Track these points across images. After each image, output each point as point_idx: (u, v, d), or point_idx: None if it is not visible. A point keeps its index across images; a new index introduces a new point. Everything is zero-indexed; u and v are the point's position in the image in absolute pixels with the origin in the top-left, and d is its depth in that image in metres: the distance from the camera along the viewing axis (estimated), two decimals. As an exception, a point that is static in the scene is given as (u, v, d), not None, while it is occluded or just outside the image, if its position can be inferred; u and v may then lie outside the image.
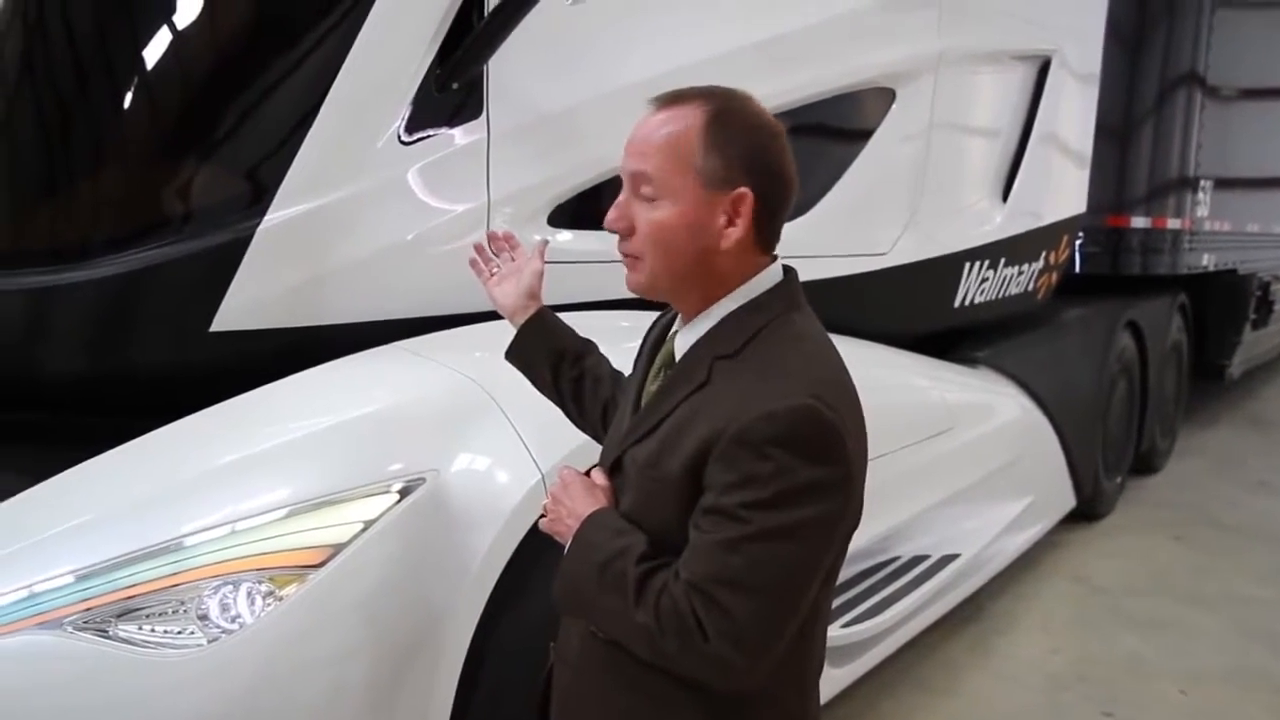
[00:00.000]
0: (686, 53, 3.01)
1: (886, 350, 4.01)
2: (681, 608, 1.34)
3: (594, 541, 1.46)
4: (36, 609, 1.95)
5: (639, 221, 1.45)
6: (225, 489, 2.16)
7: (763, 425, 1.33)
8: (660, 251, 1.45)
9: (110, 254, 2.50)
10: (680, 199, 1.43)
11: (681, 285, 1.48)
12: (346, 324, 2.56)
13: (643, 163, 1.44)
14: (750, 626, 1.33)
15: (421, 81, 2.60)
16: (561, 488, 1.57)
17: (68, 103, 2.76)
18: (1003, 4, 4.39)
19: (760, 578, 1.33)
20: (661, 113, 1.47)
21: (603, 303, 2.81)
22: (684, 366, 1.49)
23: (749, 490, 1.33)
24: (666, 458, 1.43)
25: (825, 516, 1.37)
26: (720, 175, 1.42)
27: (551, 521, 1.57)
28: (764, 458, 1.33)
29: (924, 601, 3.83)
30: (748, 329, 1.45)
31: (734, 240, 1.44)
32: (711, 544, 1.34)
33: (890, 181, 3.89)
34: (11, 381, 2.63)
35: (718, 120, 1.44)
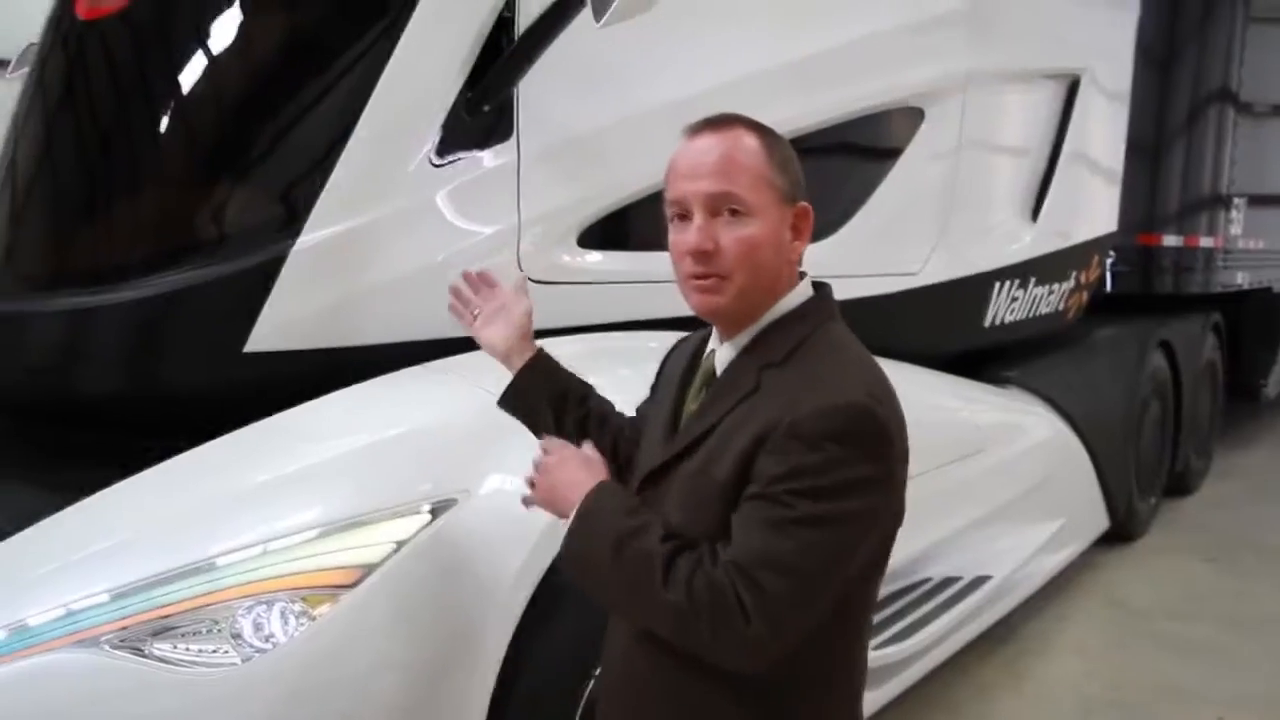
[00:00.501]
0: (715, 74, 3.03)
1: (916, 370, 3.99)
2: (722, 588, 1.37)
3: (605, 518, 1.48)
4: (74, 627, 1.97)
5: (724, 240, 1.48)
6: (257, 509, 2.18)
7: (817, 420, 1.38)
8: (751, 267, 1.49)
9: (146, 276, 2.54)
10: (766, 215, 1.49)
11: (757, 299, 1.52)
12: (378, 344, 2.58)
13: (727, 183, 1.48)
14: (787, 609, 1.37)
15: (453, 104, 2.63)
16: (556, 461, 1.58)
17: (104, 127, 2.81)
18: (1031, 24, 4.38)
19: (802, 562, 1.37)
20: (710, 136, 1.51)
21: (632, 323, 2.82)
22: (729, 378, 1.54)
23: (798, 479, 1.37)
24: (716, 461, 1.47)
25: (868, 510, 1.41)
26: (789, 191, 1.51)
27: (544, 495, 1.59)
28: (816, 450, 1.37)
29: (956, 623, 3.80)
30: (792, 338, 1.50)
31: (799, 253, 1.54)
32: (757, 525, 1.38)
33: (919, 201, 3.89)
34: (50, 401, 2.67)
35: (771, 141, 1.52)
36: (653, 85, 2.92)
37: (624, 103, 2.87)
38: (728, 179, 1.48)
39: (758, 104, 3.05)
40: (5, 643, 1.97)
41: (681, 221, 1.52)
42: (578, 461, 1.57)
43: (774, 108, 3.15)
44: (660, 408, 1.68)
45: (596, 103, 2.85)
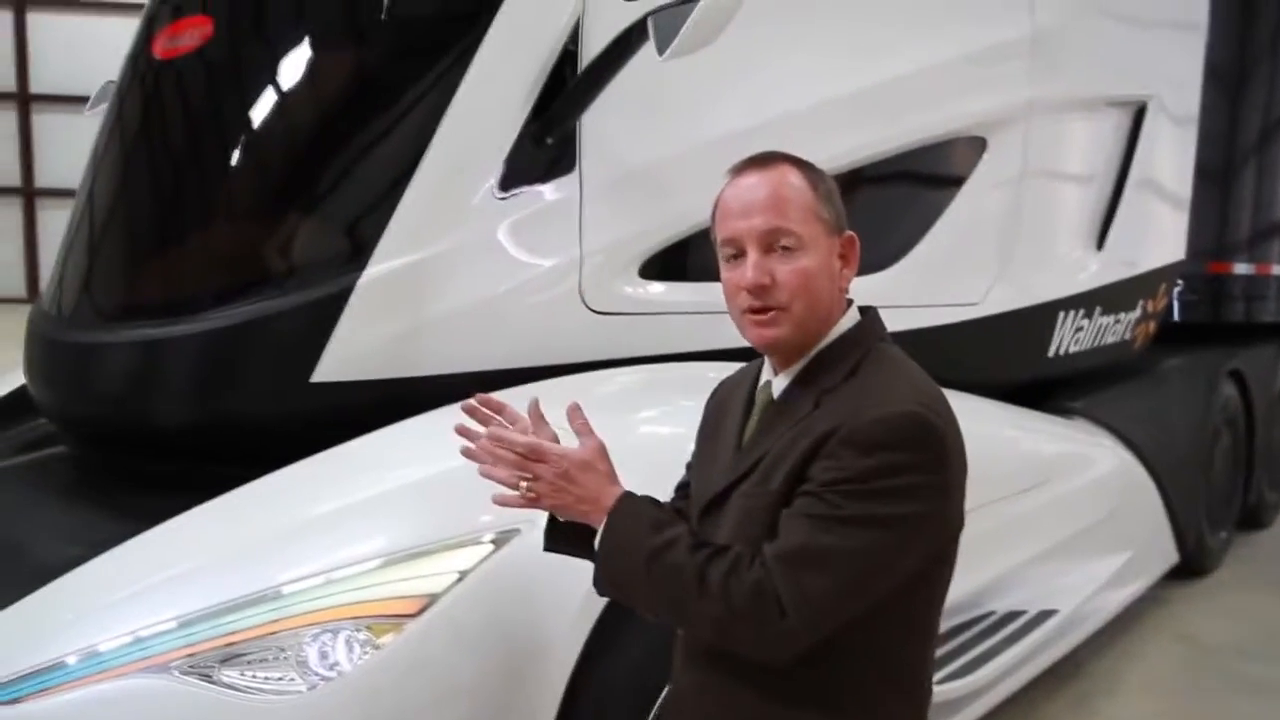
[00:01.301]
0: (776, 106, 3.05)
1: (979, 400, 3.95)
2: (759, 586, 1.40)
3: (632, 532, 1.51)
4: (142, 654, 2.01)
5: (780, 274, 1.52)
6: (322, 538, 2.21)
7: (871, 428, 1.42)
8: (808, 297, 1.53)
9: (217, 307, 2.60)
10: (816, 246, 1.54)
11: (813, 328, 1.56)
12: (442, 375, 2.61)
13: (779, 218, 1.52)
14: (823, 604, 1.40)
15: (517, 138, 2.68)
16: (581, 469, 1.58)
17: (178, 163, 2.90)
18: (1096, 51, 4.34)
19: (841, 559, 1.40)
20: (755, 174, 1.56)
21: (692, 354, 2.83)
22: (785, 404, 1.57)
23: (847, 482, 1.41)
24: (770, 476, 1.50)
25: (920, 516, 1.43)
26: (835, 222, 1.56)
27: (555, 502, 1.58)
28: (868, 455, 1.41)
29: (1021, 658, 3.73)
30: (847, 361, 1.54)
31: (848, 279, 1.58)
32: (801, 520, 1.42)
33: (982, 230, 3.86)
34: (123, 430, 2.73)
35: (813, 174, 1.57)
36: (714, 117, 2.93)
37: (685, 135, 2.90)
38: (779, 214, 1.52)
39: (819, 135, 3.09)
40: (76, 668, 2.01)
41: (735, 260, 1.56)
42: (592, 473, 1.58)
43: (835, 139, 3.20)
44: (716, 444, 1.70)
45: (658, 135, 2.87)
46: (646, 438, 2.65)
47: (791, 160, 1.58)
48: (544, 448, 1.58)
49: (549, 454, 1.58)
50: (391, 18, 2.79)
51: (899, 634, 1.52)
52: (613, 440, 2.36)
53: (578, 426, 1.65)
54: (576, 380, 2.71)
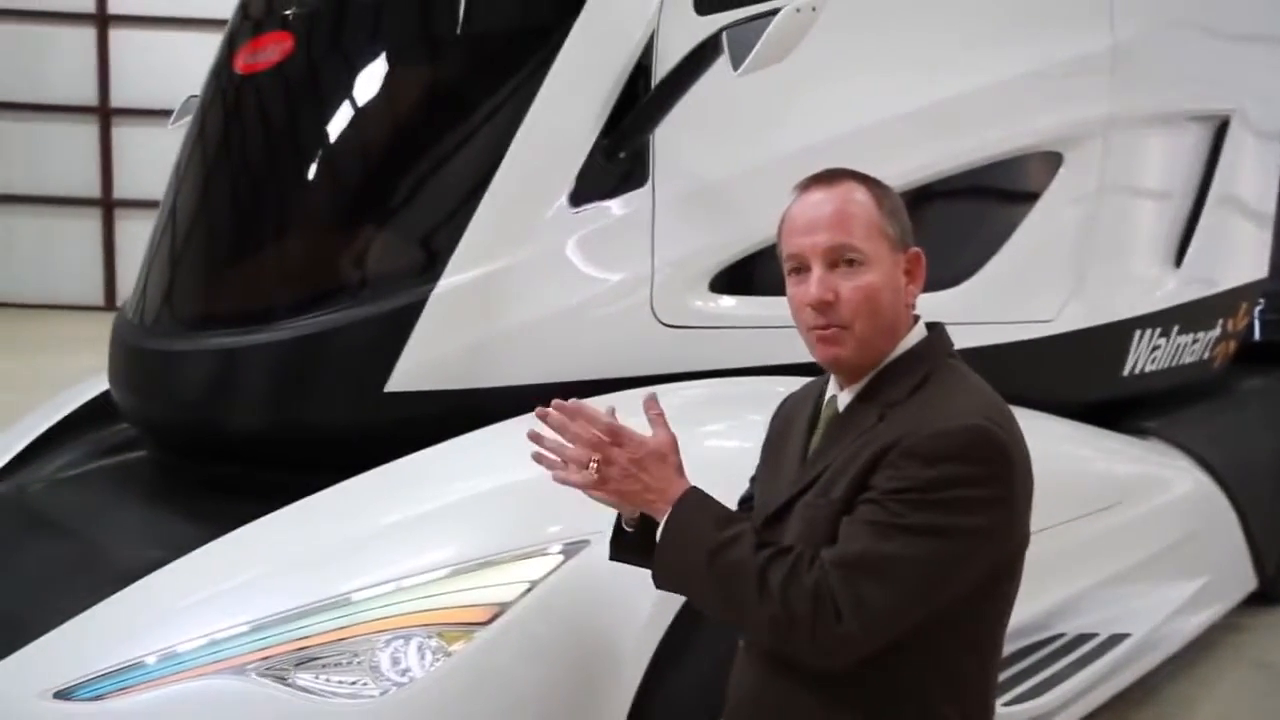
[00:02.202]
0: (849, 121, 3.03)
1: (1051, 420, 3.89)
2: (817, 590, 1.40)
3: (697, 527, 1.51)
4: (217, 656, 2.06)
5: (844, 291, 1.53)
6: (392, 547, 2.25)
7: (935, 440, 1.42)
8: (871, 313, 1.54)
9: (295, 317, 2.65)
10: (880, 262, 1.54)
11: (878, 344, 1.57)
12: (514, 386, 2.64)
13: (843, 234, 1.54)
14: (880, 612, 1.40)
15: (590, 152, 2.70)
16: (655, 459, 1.56)
17: (257, 176, 2.96)
18: (1178, 65, 4.26)
19: (900, 567, 1.40)
20: (821, 191, 1.57)
21: (762, 368, 2.82)
22: (849, 417, 1.58)
23: (911, 493, 1.41)
24: (834, 486, 1.50)
25: (979, 529, 1.43)
26: (900, 238, 1.57)
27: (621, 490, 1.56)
28: (931, 467, 1.41)
29: (1091, 682, 3.66)
30: (914, 376, 1.55)
31: (913, 295, 1.58)
32: (862, 527, 1.42)
33: (1056, 247, 3.80)
34: (201, 436, 2.79)
35: (878, 190, 1.58)
36: (786, 133, 2.93)
37: (757, 150, 2.90)
38: (843, 230, 1.53)
39: (892, 150, 3.08)
40: (155, 668, 2.07)
41: (799, 275, 1.57)
42: (664, 463, 1.58)
43: (909, 153, 3.18)
44: (781, 457, 1.70)
45: (730, 150, 2.88)
46: (713, 451, 2.64)
47: (857, 176, 1.59)
48: (623, 430, 1.58)
49: (627, 438, 1.58)
50: (467, 33, 2.83)
51: (960, 648, 1.52)
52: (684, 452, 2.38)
53: (653, 416, 1.63)
54: (643, 394, 2.71)
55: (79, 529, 2.71)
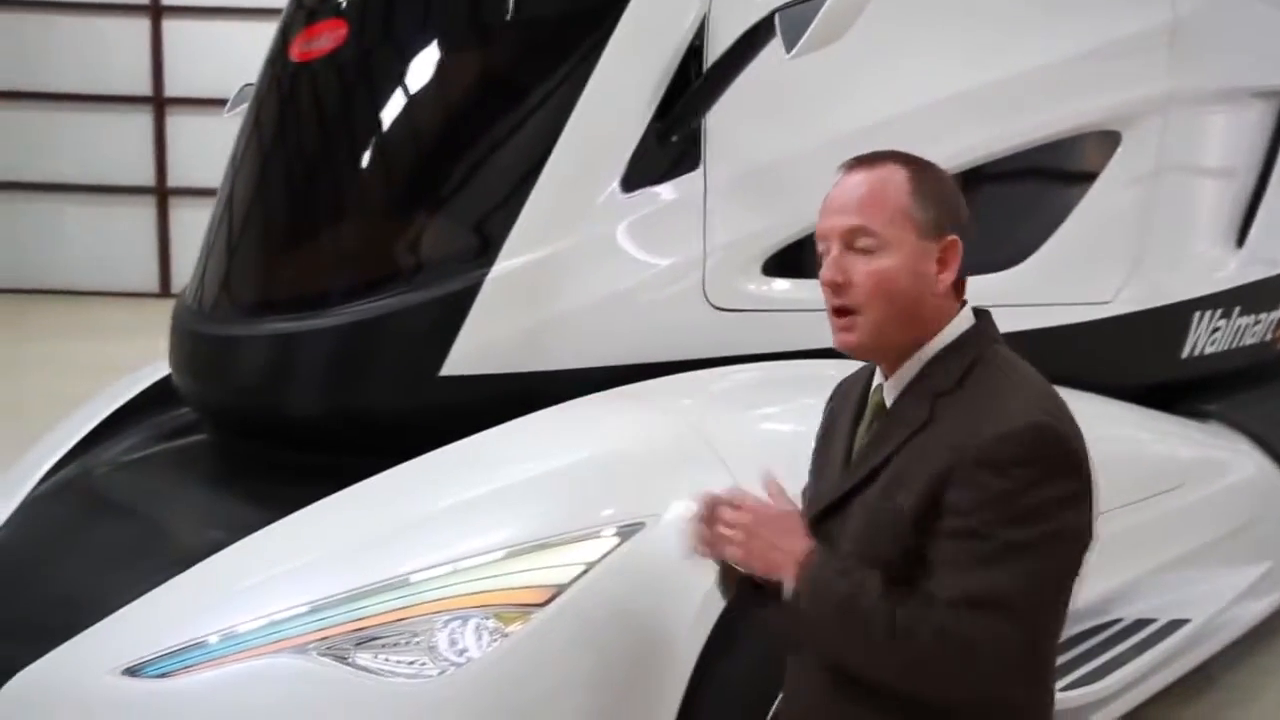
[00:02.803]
0: (903, 101, 3.01)
1: (1107, 402, 3.84)
2: (946, 632, 1.37)
3: (822, 583, 1.48)
4: (277, 636, 2.09)
5: (856, 275, 1.52)
6: (447, 530, 2.27)
7: (1001, 445, 1.39)
8: (882, 300, 1.51)
9: (351, 302, 2.67)
10: (900, 248, 1.51)
11: (895, 334, 1.54)
12: (568, 369, 2.65)
13: (861, 217, 1.52)
14: (1015, 643, 1.37)
15: (642, 135, 2.70)
16: (755, 520, 1.56)
17: (313, 163, 2.99)
18: (1241, 40, 4.17)
19: (1020, 592, 1.37)
20: (860, 173, 1.55)
21: (814, 351, 2.81)
22: (900, 410, 1.55)
23: (993, 508, 1.38)
24: (898, 492, 1.47)
25: (1072, 529, 1.41)
26: (934, 224, 1.52)
27: (750, 556, 1.55)
28: (1005, 475, 1.38)
29: (1150, 667, 3.62)
30: (961, 365, 1.52)
31: (946, 285, 1.53)
32: (968, 563, 1.39)
33: (1114, 227, 3.75)
34: (260, 420, 2.83)
35: (921, 174, 1.54)
36: (838, 114, 2.91)
37: (810, 131, 2.88)
38: (862, 213, 1.52)
39: (945, 131, 3.04)
40: (216, 647, 2.10)
41: (825, 257, 1.57)
42: (784, 524, 1.56)
43: (962, 134, 3.15)
44: (831, 446, 1.69)
45: (783, 131, 2.86)
46: (765, 435, 2.65)
47: (901, 159, 1.56)
48: (745, 496, 1.59)
49: (748, 503, 1.58)
50: (519, 18, 2.84)
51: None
52: (731, 438, 2.39)
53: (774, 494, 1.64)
54: (696, 377, 2.73)
55: (142, 511, 2.76)
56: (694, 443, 2.37)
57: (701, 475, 2.31)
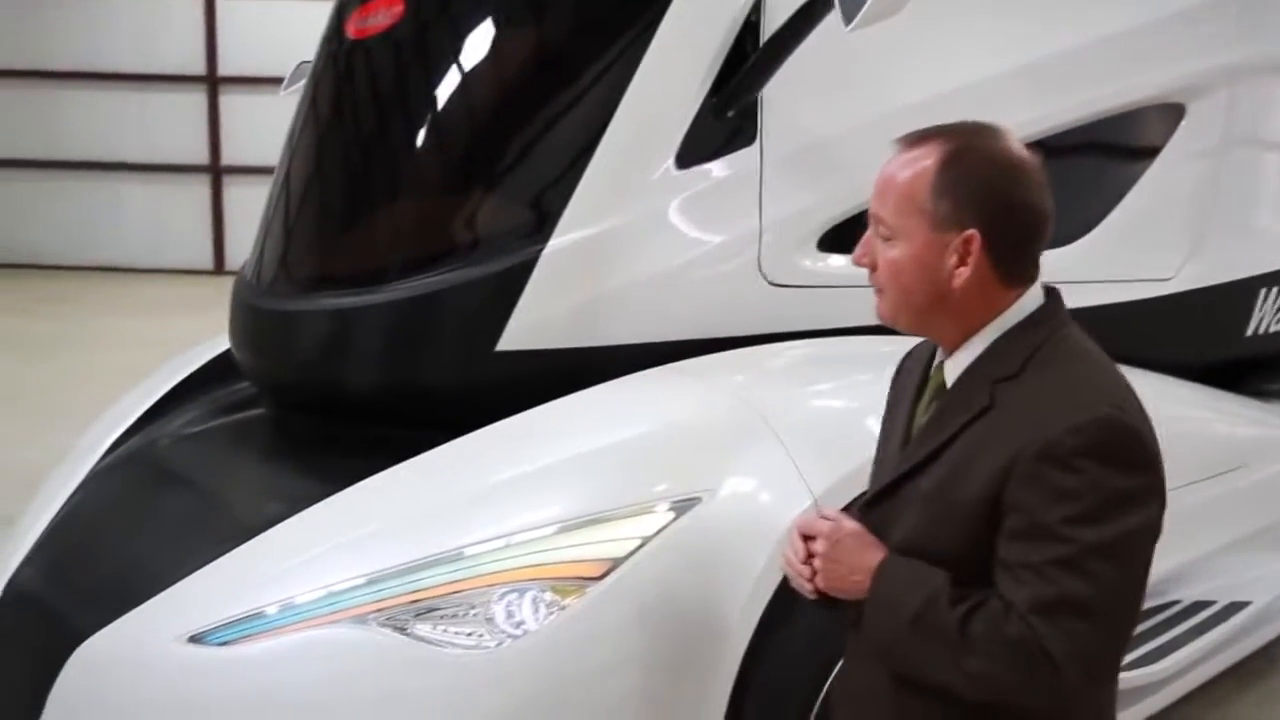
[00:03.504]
0: (960, 76, 2.96)
1: (1168, 381, 3.78)
2: (1024, 641, 1.34)
3: (895, 597, 1.46)
4: (334, 607, 2.12)
5: (879, 259, 1.51)
6: (501, 504, 2.29)
7: (1067, 438, 1.35)
8: (897, 288, 1.50)
9: (408, 278, 2.69)
10: (911, 240, 1.48)
11: (921, 319, 1.53)
12: (622, 345, 2.65)
13: (879, 205, 1.51)
14: (1097, 649, 1.35)
15: (698, 111, 2.68)
16: (830, 547, 1.53)
17: (370, 140, 3.00)
18: (1310, 9, 4.07)
19: (1101, 598, 1.33)
20: (902, 154, 1.52)
21: (873, 328, 2.79)
22: (959, 393, 1.51)
23: (1065, 506, 1.34)
24: (957, 484, 1.44)
25: (1145, 526, 1.38)
26: (950, 217, 1.45)
27: (831, 582, 1.54)
28: (1073, 471, 1.34)
29: (1208, 650, 3.57)
30: (1024, 349, 1.47)
31: (964, 280, 1.46)
32: (1042, 567, 1.35)
33: (1176, 202, 3.67)
34: (316, 393, 2.86)
35: (951, 162, 1.47)
36: (897, 87, 2.88)
37: (867, 106, 2.85)
38: (880, 201, 1.51)
39: (1004, 105, 3.00)
40: (275, 618, 2.14)
41: None
42: (852, 544, 1.53)
43: (1022, 108, 3.09)
44: (893, 420, 1.67)
45: (839, 106, 2.83)
46: (820, 411, 2.64)
47: (946, 140, 1.49)
48: (815, 522, 1.57)
49: (818, 528, 1.56)
50: (575, -7, 2.83)
51: None
52: (785, 413, 2.38)
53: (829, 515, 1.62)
54: (750, 353, 2.72)
55: (203, 484, 2.80)
56: (748, 418, 2.37)
57: (756, 450, 2.32)
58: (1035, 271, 1.52)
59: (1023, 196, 1.48)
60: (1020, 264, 1.50)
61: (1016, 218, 1.48)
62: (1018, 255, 1.49)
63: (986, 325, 1.49)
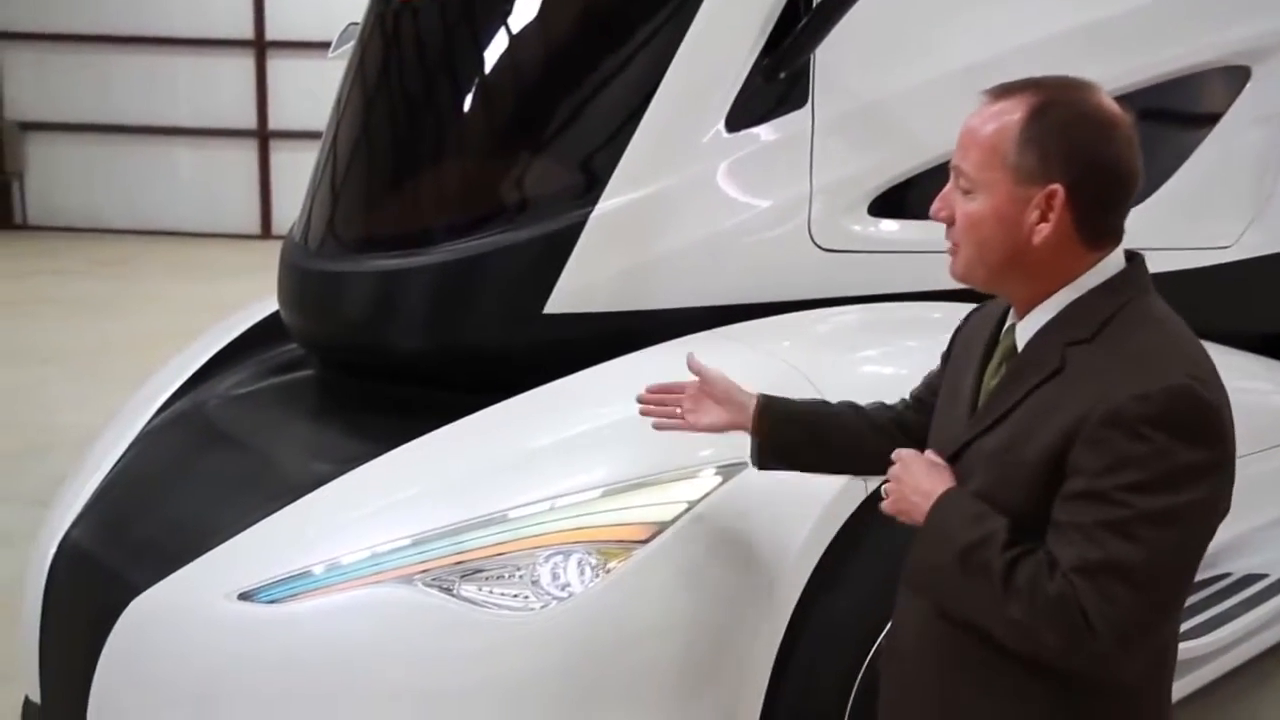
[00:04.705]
0: (1015, 37, 2.89)
1: (1225, 351, 3.70)
2: (1063, 599, 1.32)
3: (951, 526, 1.45)
4: (378, 568, 2.14)
5: (956, 213, 1.48)
6: (546, 467, 2.30)
7: (1136, 405, 1.32)
8: (974, 243, 1.47)
9: (457, 240, 2.69)
10: (993, 194, 1.44)
11: (997, 277, 1.49)
12: (670, 309, 2.64)
13: (961, 157, 1.47)
14: (1135, 617, 1.32)
15: (749, 73, 2.65)
16: (902, 467, 1.55)
17: (418, 103, 3.00)
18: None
19: (1145, 565, 1.31)
20: (989, 106, 1.48)
21: (923, 293, 2.75)
22: (1031, 355, 1.49)
23: (1126, 473, 1.32)
24: (1023, 444, 1.42)
25: (1206, 501, 1.35)
26: (1035, 171, 1.42)
27: (895, 501, 1.55)
28: (1139, 438, 1.31)
29: (1259, 624, 3.52)
30: (1101, 313, 1.44)
31: (1044, 236, 1.43)
32: (1092, 529, 1.33)
33: (1238, 168, 3.58)
34: (365, 355, 2.88)
35: (1039, 115, 1.43)
36: (950, 50, 2.82)
37: (920, 68, 2.79)
38: (961, 154, 1.48)
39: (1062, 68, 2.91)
40: (321, 577, 2.16)
41: None
42: (924, 467, 1.53)
43: (1080, 71, 3.00)
44: (959, 380, 1.64)
45: (892, 68, 2.78)
46: (869, 376, 2.61)
47: (1036, 91, 1.45)
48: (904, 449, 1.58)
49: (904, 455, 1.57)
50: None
51: None
52: (833, 379, 2.36)
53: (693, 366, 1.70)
54: (799, 318, 2.69)
55: (252, 444, 2.83)
56: (796, 383, 2.34)
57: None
58: (1119, 234, 1.48)
59: (1112, 153, 1.43)
60: (1104, 224, 1.46)
61: (1103, 175, 1.43)
62: (1102, 214, 1.45)
63: (1063, 287, 1.46)
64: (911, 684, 1.60)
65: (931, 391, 1.81)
